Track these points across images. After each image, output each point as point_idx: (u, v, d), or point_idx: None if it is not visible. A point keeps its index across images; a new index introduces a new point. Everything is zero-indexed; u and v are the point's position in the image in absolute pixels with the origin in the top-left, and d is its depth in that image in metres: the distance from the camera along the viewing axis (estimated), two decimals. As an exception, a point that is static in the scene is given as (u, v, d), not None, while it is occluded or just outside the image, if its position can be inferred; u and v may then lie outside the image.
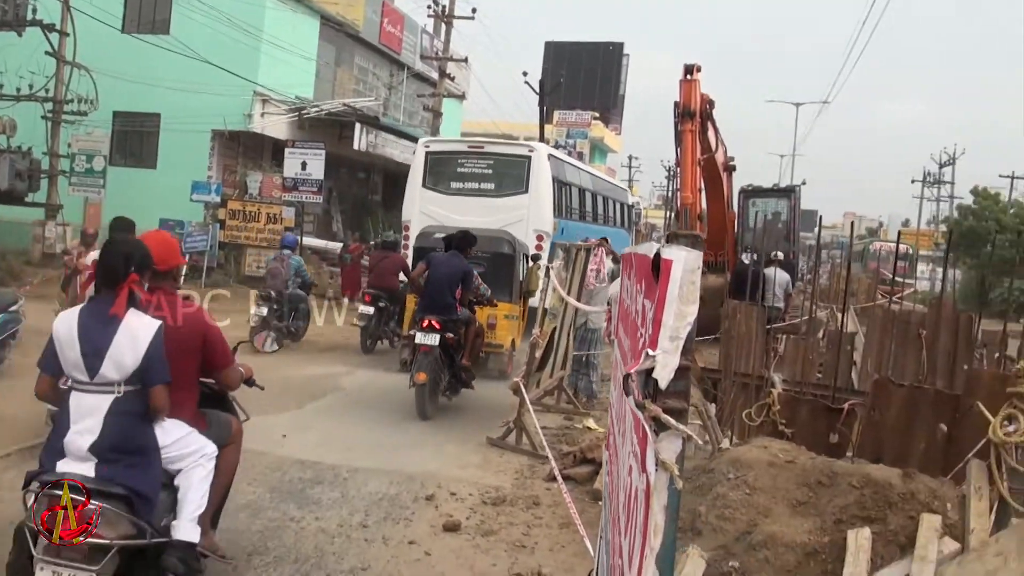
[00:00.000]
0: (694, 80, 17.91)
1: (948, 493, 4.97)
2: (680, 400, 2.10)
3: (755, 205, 22.91)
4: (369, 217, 34.46)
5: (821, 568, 4.65)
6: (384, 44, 34.99)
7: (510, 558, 6.59)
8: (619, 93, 79.76)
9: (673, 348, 2.09)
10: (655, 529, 1.99)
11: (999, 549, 4.23)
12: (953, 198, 68.33)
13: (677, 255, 2.19)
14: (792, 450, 5.49)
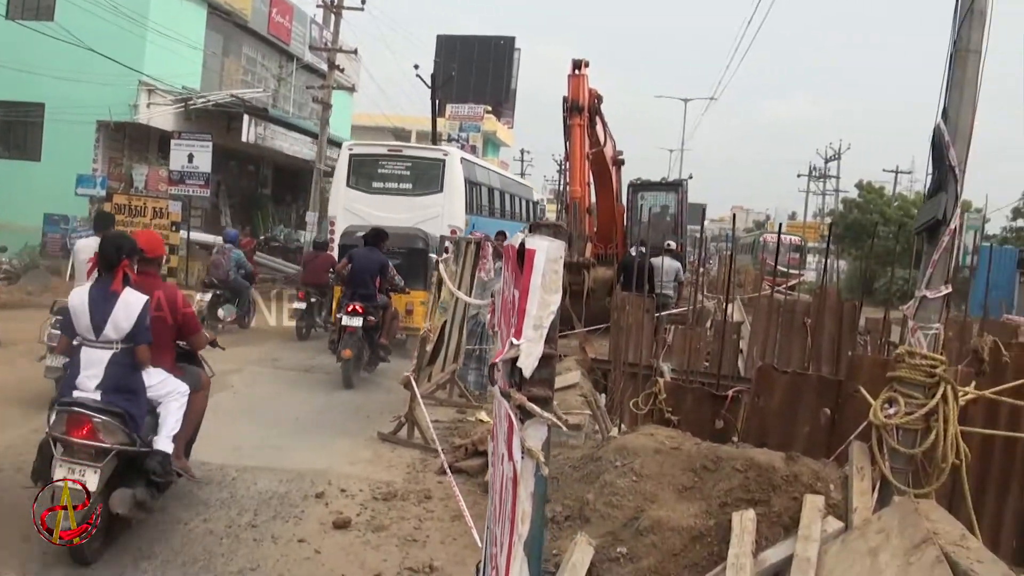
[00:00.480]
0: (582, 75, 18.06)
1: (831, 474, 5.05)
2: (545, 388, 2.07)
3: (644, 198, 23.31)
4: (259, 211, 33.87)
5: (707, 551, 4.68)
6: (273, 34, 34.35)
7: (401, 553, 6.54)
8: (511, 87, 79.93)
9: (537, 337, 2.05)
10: (522, 516, 1.95)
11: (881, 526, 4.30)
12: (838, 192, 70.25)
13: (540, 245, 2.15)
14: (678, 437, 5.52)
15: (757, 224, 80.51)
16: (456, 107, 66.91)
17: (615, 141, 21.44)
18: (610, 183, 21.09)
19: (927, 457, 4.77)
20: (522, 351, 2.06)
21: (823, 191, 72.33)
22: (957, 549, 3.78)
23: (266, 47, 34.84)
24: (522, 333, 2.08)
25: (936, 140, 5.18)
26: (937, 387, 4.73)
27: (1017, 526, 5.98)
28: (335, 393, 12.11)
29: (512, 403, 2.06)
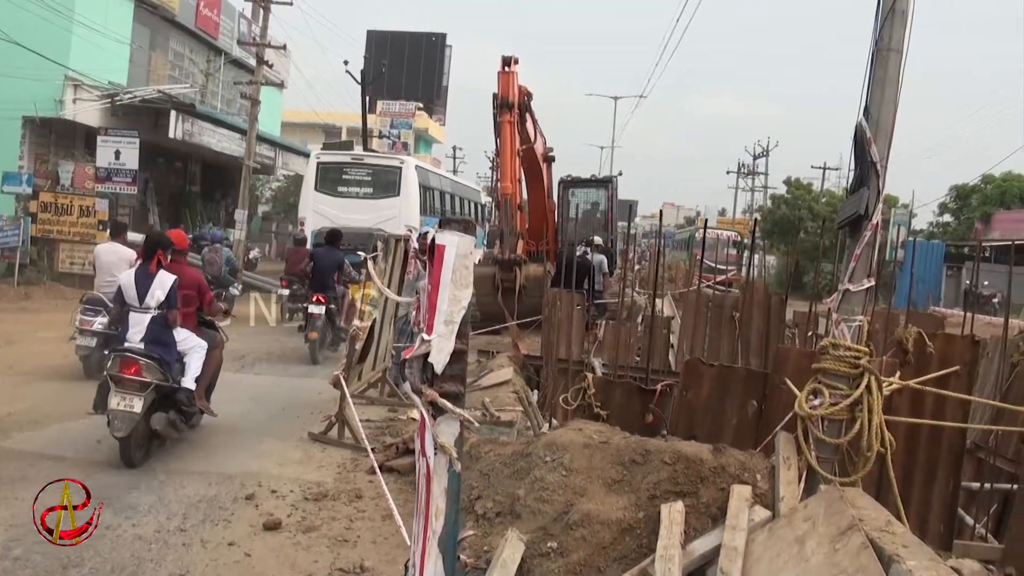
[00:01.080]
0: (512, 72, 18.08)
1: (758, 465, 5.10)
2: (456, 384, 2.06)
3: (574, 195, 23.53)
4: (187, 209, 33.42)
5: (636, 543, 4.70)
6: (200, 28, 33.86)
7: (332, 553, 6.54)
8: (442, 84, 79.69)
9: (448, 332, 2.04)
10: (436, 512, 1.93)
11: (808, 514, 4.36)
12: (767, 188, 71.32)
13: (449, 240, 2.13)
14: (607, 431, 5.54)
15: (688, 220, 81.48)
16: (387, 104, 66.61)
17: (546, 138, 21.56)
18: (541, 180, 21.20)
19: (852, 446, 4.84)
20: (433, 347, 2.06)
21: (752, 187, 73.41)
22: (882, 535, 3.84)
23: (194, 41, 34.40)
24: (433, 329, 2.07)
25: (858, 137, 5.27)
26: (861, 378, 4.81)
27: (943, 511, 6.12)
28: (267, 394, 12.02)
29: (424, 400, 2.05)
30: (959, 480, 6.29)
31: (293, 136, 51.64)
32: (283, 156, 37.74)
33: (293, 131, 56.54)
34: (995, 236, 41.89)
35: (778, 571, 4.04)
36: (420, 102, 71.84)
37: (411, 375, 2.26)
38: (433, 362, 2.06)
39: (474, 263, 10.55)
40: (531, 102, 19.43)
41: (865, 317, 5.29)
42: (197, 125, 28.57)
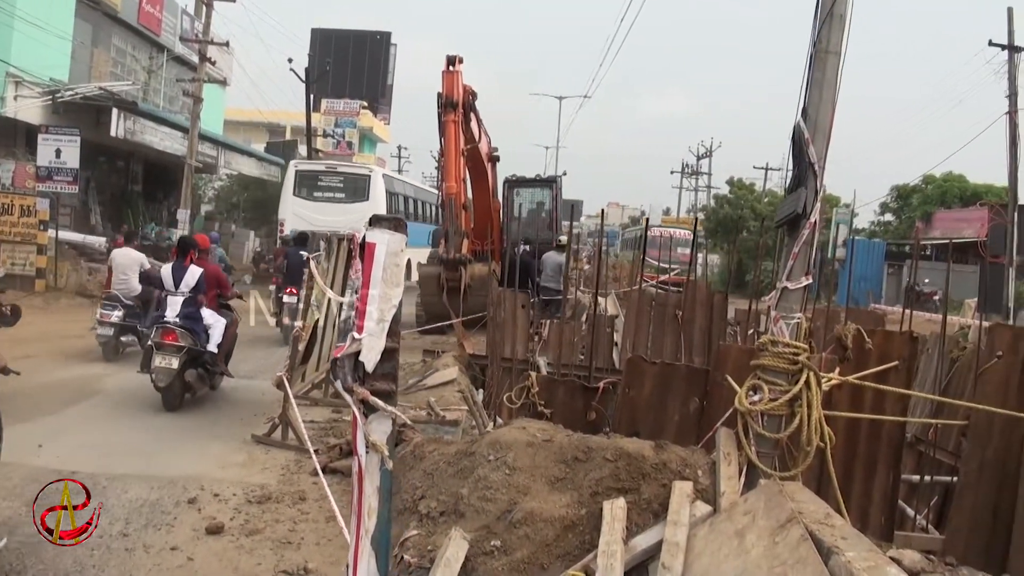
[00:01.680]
0: (456, 71, 18.06)
1: (699, 460, 5.15)
2: (388, 382, 2.06)
3: (519, 195, 23.56)
4: (129, 208, 32.95)
5: (579, 540, 4.72)
6: (143, 25, 33.39)
7: (276, 556, 6.47)
8: (387, 83, 79.37)
9: (379, 331, 2.04)
10: (369, 510, 1.93)
11: (747, 508, 4.41)
12: (710, 188, 71.97)
13: (380, 238, 2.13)
14: (550, 429, 5.56)
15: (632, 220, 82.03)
16: (331, 102, 66.21)
17: (490, 138, 21.60)
18: (486, 179, 21.24)
19: (792, 441, 4.91)
20: (364, 345, 2.05)
21: (696, 187, 74.04)
22: (822, 527, 3.90)
23: (136, 38, 33.92)
24: (364, 327, 2.06)
25: (796, 137, 5.34)
26: (800, 374, 4.88)
27: (884, 503, 6.23)
28: (210, 396, 11.89)
29: (355, 398, 2.04)
30: (899, 473, 6.40)
31: (236, 135, 51.19)
32: (226, 155, 37.32)
33: (236, 130, 56.03)
34: (936, 235, 42.66)
35: (719, 565, 4.08)
36: (365, 101, 71.50)
37: (342, 374, 2.24)
38: (364, 360, 2.06)
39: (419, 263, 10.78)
40: (476, 101, 19.45)
41: (804, 314, 5.36)
42: (139, 123, 28.15)
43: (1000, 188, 37.43)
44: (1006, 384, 6.29)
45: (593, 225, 71.99)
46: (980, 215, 38.17)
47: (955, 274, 34.39)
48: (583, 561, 4.56)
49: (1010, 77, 28.85)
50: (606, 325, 10.59)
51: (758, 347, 5.11)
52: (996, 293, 28.44)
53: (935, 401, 7.97)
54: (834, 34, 5.41)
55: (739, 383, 5.09)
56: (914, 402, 8.71)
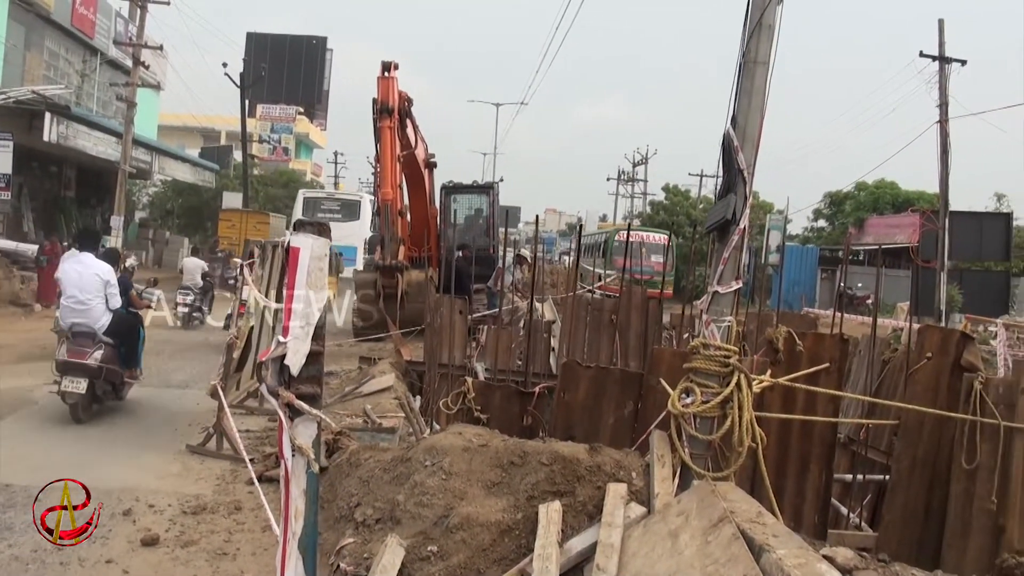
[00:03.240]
0: (392, 77, 18.03)
1: (633, 463, 5.20)
2: (313, 385, 2.07)
3: (456, 201, 23.52)
4: (62, 215, 32.37)
5: (515, 543, 4.75)
6: (76, 27, 32.82)
7: (211, 567, 6.42)
8: (323, 88, 79.12)
9: (303, 334, 2.05)
10: (296, 513, 1.94)
11: (681, 509, 4.46)
12: (646, 195, 72.50)
13: (304, 242, 2.15)
14: (486, 434, 5.58)
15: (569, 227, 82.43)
16: (267, 107, 65.83)
17: (427, 144, 21.56)
18: (422, 185, 21.21)
19: (724, 442, 4.98)
20: (289, 349, 2.06)
21: (632, 194, 74.56)
22: (753, 526, 3.96)
23: (70, 41, 33.35)
24: (288, 331, 2.07)
25: (726, 145, 5.43)
26: (731, 376, 4.95)
27: (817, 502, 6.32)
28: (145, 406, 11.74)
29: (280, 401, 2.05)
30: (832, 472, 6.51)
31: (171, 140, 50.56)
32: (160, 160, 36.79)
33: (171, 135, 55.39)
34: (868, 240, 43.41)
35: (653, 565, 4.12)
36: (301, 106, 71.17)
37: (268, 377, 2.25)
38: (289, 364, 2.06)
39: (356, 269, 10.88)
40: (411, 107, 19.44)
41: (735, 317, 5.44)
42: (72, 128, 27.58)
43: (931, 195, 38.22)
44: (936, 384, 6.43)
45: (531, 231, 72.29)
46: (912, 221, 38.88)
47: (888, 278, 35.07)
48: (519, 565, 4.59)
49: (941, 87, 29.46)
50: (543, 331, 10.64)
51: (690, 350, 5.18)
52: (928, 297, 28.98)
53: (868, 402, 8.11)
54: (762, 45, 5.51)
55: (673, 386, 5.15)
56: (847, 403, 8.87)
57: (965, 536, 6.05)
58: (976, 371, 6.31)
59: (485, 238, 22.55)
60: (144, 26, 30.34)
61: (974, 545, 6.01)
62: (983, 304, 31.37)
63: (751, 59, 5.52)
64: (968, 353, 6.44)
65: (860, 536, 6.60)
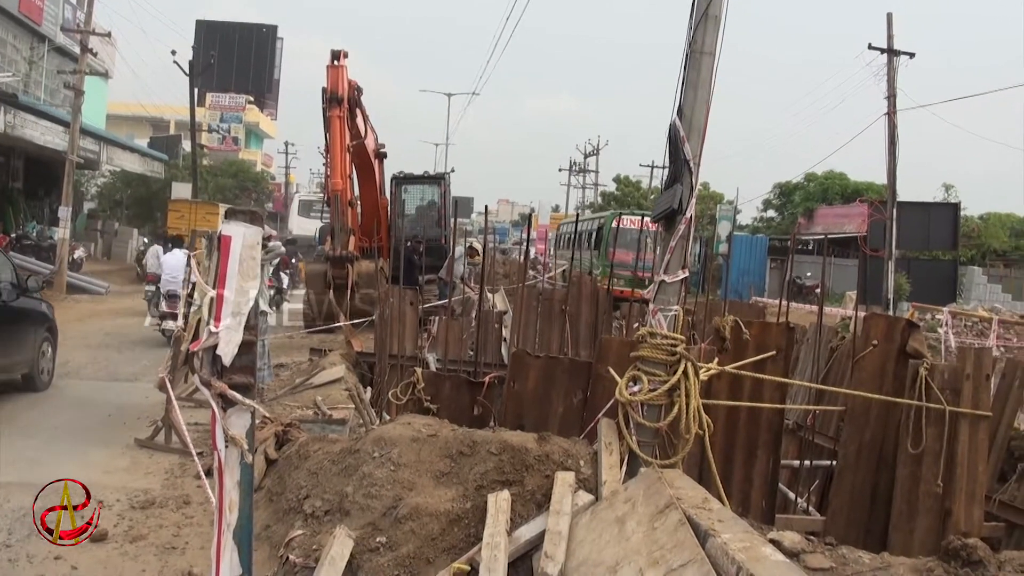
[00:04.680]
0: (341, 66, 17.90)
1: (582, 451, 5.24)
2: (246, 375, 2.06)
3: (407, 192, 23.38)
4: (10, 206, 31.82)
5: (465, 533, 4.77)
6: (24, 13, 32.25)
7: (160, 562, 6.38)
8: (274, 77, 78.42)
9: (236, 324, 2.04)
10: (230, 505, 1.93)
11: (628, 496, 4.51)
12: (597, 185, 72.73)
13: (236, 231, 2.14)
14: (435, 424, 5.60)
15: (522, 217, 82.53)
16: (216, 96, 65.18)
17: (377, 134, 21.43)
18: (373, 176, 21.08)
19: (672, 429, 5.03)
20: (221, 339, 2.05)
21: (584, 185, 74.74)
22: (699, 511, 4.01)
23: (17, 27, 32.76)
24: (220, 320, 2.06)
25: (672, 135, 5.46)
26: (678, 364, 4.99)
27: (765, 487, 6.40)
28: (94, 400, 11.61)
29: (213, 392, 2.04)
30: (779, 458, 6.59)
31: (119, 129, 49.94)
32: (109, 150, 36.22)
33: (119, 124, 54.71)
34: (818, 231, 43.84)
35: (600, 552, 4.16)
36: (251, 95, 70.54)
37: (200, 367, 2.23)
38: (221, 354, 2.05)
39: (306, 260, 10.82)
40: (361, 97, 19.30)
41: (682, 307, 5.48)
42: (20, 117, 27.04)
43: (880, 185, 38.62)
44: (882, 371, 6.54)
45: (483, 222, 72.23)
46: (860, 211, 39.26)
47: (838, 268, 35.45)
48: (468, 554, 4.61)
49: (889, 79, 29.72)
50: (495, 321, 10.66)
51: (637, 339, 5.21)
52: (876, 286, 29.28)
53: (815, 388, 8.21)
54: (709, 35, 5.53)
55: (621, 375, 5.19)
56: (796, 390, 8.98)
57: (912, 519, 6.17)
58: (921, 358, 6.42)
59: (436, 228, 22.41)
60: (92, 12, 29.85)
61: (921, 527, 6.14)
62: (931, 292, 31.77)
63: (697, 50, 5.54)
64: (913, 340, 6.55)
65: (808, 520, 6.68)
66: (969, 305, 32.13)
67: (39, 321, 12.03)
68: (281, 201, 71.49)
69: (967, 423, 6.15)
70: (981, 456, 6.27)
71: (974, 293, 36.91)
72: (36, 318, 11.97)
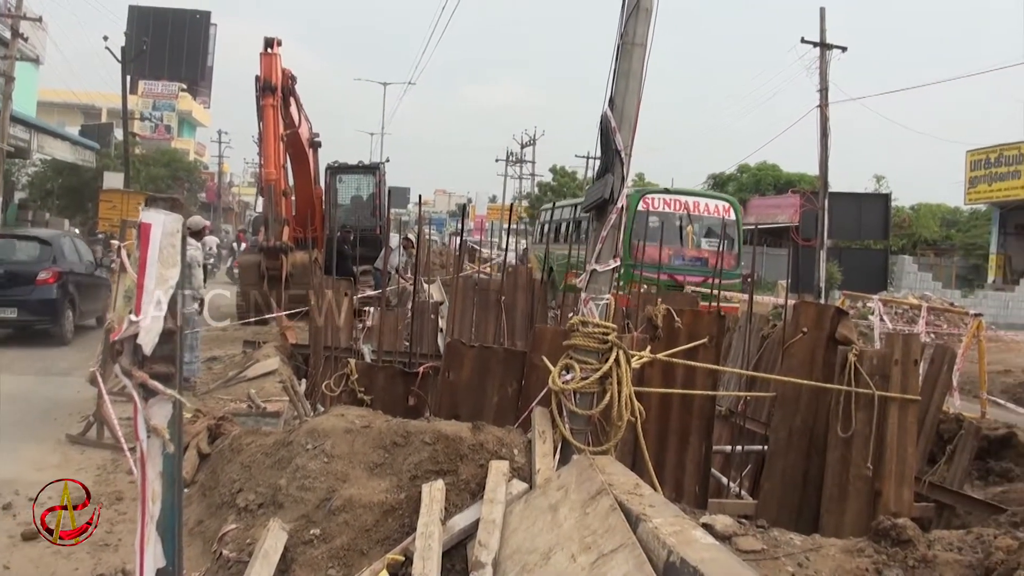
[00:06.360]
0: (275, 54, 17.68)
1: (516, 440, 5.27)
2: (168, 364, 2.04)
3: (342, 181, 23.19)
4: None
5: (399, 523, 4.78)
6: (-48, -3, 31.50)
7: (93, 559, 6.27)
8: (207, 64, 77.37)
9: (156, 312, 2.02)
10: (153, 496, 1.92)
11: (561, 483, 4.55)
12: (534, 176, 72.84)
13: (155, 219, 2.12)
14: (369, 415, 5.60)
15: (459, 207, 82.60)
16: (149, 84, 64.22)
17: (311, 123, 21.22)
18: (307, 165, 20.87)
19: (604, 417, 5.08)
20: (142, 328, 2.03)
21: (520, 175, 74.82)
22: (631, 497, 4.07)
23: (-56, 11, 31.87)
24: (141, 310, 2.05)
25: (604, 126, 5.50)
26: (609, 352, 5.04)
27: (697, 473, 6.49)
28: (25, 395, 11.39)
29: (134, 382, 2.03)
30: (711, 444, 6.68)
31: (50, 117, 48.94)
32: (39, 138, 35.48)
33: (51, 112, 53.64)
34: (751, 221, 44.35)
35: (533, 539, 4.20)
36: (184, 83, 69.57)
37: (121, 357, 2.22)
38: (142, 343, 2.03)
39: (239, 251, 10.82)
40: (295, 85, 19.10)
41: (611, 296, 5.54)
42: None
43: (812, 176, 39.22)
44: (811, 357, 6.65)
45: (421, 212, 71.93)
46: (793, 202, 39.81)
47: (770, 257, 35.85)
48: (402, 544, 4.62)
49: (821, 73, 30.12)
50: (431, 311, 10.65)
51: (570, 328, 5.25)
52: (808, 275, 29.68)
53: (747, 376, 8.32)
54: (640, 27, 5.59)
55: (555, 364, 5.23)
56: (729, 377, 9.10)
57: (842, 501, 6.31)
58: (850, 344, 6.54)
59: (372, 219, 22.25)
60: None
61: (851, 509, 6.27)
62: (862, 281, 32.28)
63: (629, 41, 5.60)
64: (842, 327, 6.67)
65: (740, 504, 6.79)
66: (900, 293, 32.71)
67: (106, 285, 16.81)
68: (214, 191, 70.63)
69: (896, 407, 6.29)
70: (910, 439, 6.42)
71: (905, 281, 37.58)
72: (104, 282, 17.15)
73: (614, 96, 5.53)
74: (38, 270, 16.12)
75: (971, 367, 14.07)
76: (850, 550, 4.61)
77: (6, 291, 15.78)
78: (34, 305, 15.86)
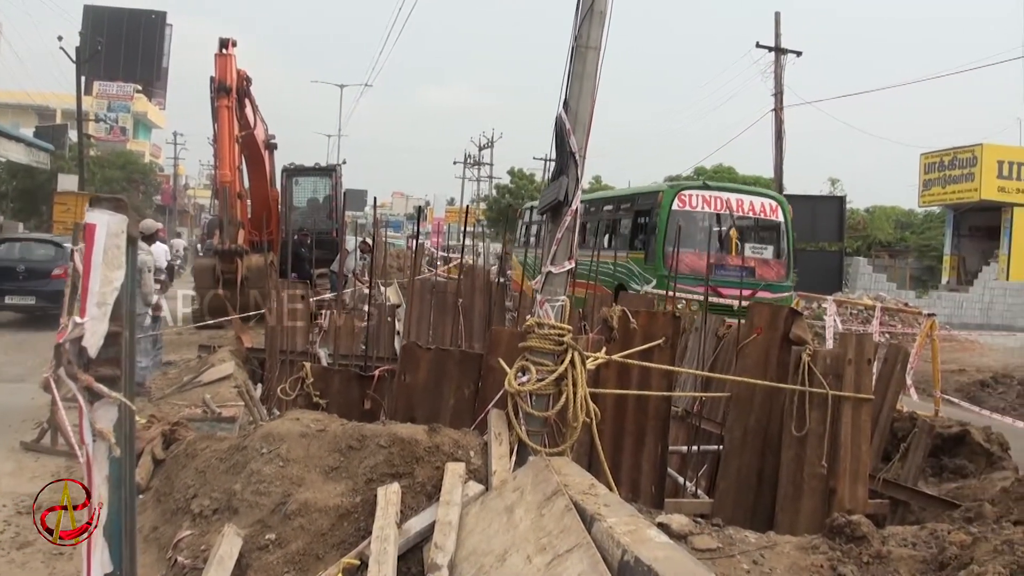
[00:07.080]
0: (230, 55, 17.61)
1: (472, 442, 5.28)
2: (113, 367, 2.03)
3: (298, 183, 23.10)
4: None
5: (355, 527, 4.77)
6: (-98, -2, 31.01)
7: (47, 568, 6.23)
8: (163, 65, 76.67)
9: (101, 314, 2.02)
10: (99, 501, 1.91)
11: (517, 485, 4.57)
12: (492, 178, 72.99)
13: (100, 219, 2.11)
14: (324, 419, 5.59)
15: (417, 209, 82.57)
16: (104, 85, 63.62)
17: (267, 124, 21.14)
18: (263, 167, 20.79)
19: (560, 418, 5.10)
20: (87, 330, 2.02)
21: (478, 177, 74.98)
22: (586, 497, 4.09)
23: None
24: (86, 311, 2.04)
25: (558, 128, 5.54)
26: (565, 354, 5.07)
27: (654, 473, 6.53)
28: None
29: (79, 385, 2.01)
30: (667, 444, 6.72)
31: (4, 118, 48.46)
32: (-6, 140, 35.08)
33: (4, 112, 53.12)
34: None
35: (489, 540, 4.21)
36: (139, 84, 68.97)
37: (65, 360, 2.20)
38: (87, 346, 2.02)
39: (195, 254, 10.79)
40: (250, 87, 19.03)
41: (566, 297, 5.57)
42: None
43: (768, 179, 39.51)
44: (766, 357, 6.72)
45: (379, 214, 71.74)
46: (748, 204, 40.09)
47: (727, 257, 36.07)
48: (358, 548, 4.61)
49: (776, 77, 30.46)
50: (387, 314, 10.62)
51: (525, 329, 5.27)
52: (763, 276, 29.93)
53: (703, 376, 8.38)
54: (594, 30, 5.63)
55: (511, 366, 5.25)
56: (685, 378, 9.16)
57: (797, 499, 6.38)
58: (804, 344, 6.61)
59: (328, 221, 22.20)
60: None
61: (806, 507, 6.35)
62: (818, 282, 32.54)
63: (583, 44, 5.64)
64: (796, 327, 6.74)
65: (696, 503, 6.85)
66: (855, 294, 33.09)
67: None
68: (170, 194, 70.04)
69: (850, 406, 6.39)
70: (864, 437, 6.51)
71: (860, 283, 37.95)
72: None
73: (568, 98, 5.57)
74: (53, 267, 19.05)
75: (926, 366, 14.26)
76: (805, 547, 4.67)
77: (26, 283, 19.07)
78: (49, 295, 18.30)
